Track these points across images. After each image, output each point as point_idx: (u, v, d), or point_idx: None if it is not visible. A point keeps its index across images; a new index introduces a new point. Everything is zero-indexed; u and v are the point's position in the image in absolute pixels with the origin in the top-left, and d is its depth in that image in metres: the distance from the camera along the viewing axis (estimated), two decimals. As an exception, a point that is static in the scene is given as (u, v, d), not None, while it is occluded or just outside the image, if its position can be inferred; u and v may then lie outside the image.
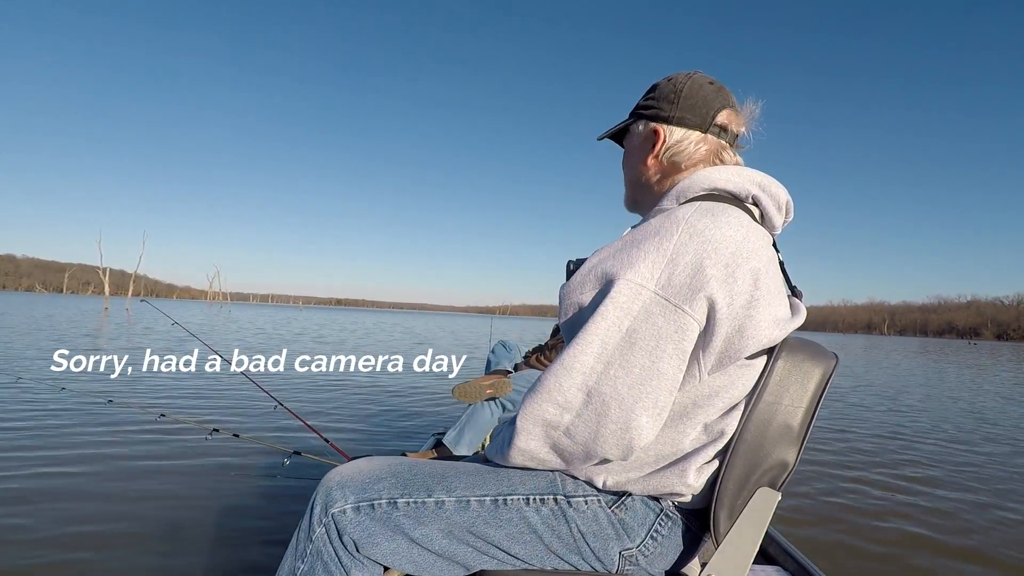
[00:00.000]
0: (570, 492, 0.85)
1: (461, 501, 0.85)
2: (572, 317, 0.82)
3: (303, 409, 4.48)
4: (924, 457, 4.02)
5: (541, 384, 0.77)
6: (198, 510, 2.27)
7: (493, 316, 52.30)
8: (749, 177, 0.88)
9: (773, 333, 0.78)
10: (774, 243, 0.92)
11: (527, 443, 0.79)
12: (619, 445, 0.75)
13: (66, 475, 2.62)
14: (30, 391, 4.67)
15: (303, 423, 2.53)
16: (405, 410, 4.79)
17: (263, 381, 5.90)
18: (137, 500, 2.35)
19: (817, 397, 0.86)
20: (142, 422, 3.73)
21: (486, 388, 2.44)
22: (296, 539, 0.87)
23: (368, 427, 4.02)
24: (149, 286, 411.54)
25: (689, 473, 0.81)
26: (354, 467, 0.90)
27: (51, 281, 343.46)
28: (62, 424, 3.60)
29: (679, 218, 0.78)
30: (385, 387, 6.11)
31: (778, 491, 0.85)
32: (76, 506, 2.25)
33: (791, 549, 1.43)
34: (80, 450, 3.04)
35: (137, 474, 2.68)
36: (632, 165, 0.98)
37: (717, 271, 0.74)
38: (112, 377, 5.78)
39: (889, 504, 2.88)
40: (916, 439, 4.70)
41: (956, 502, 2.97)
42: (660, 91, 0.94)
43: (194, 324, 19.09)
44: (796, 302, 0.90)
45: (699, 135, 0.91)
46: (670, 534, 0.86)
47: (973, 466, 3.82)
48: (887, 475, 3.46)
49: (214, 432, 2.54)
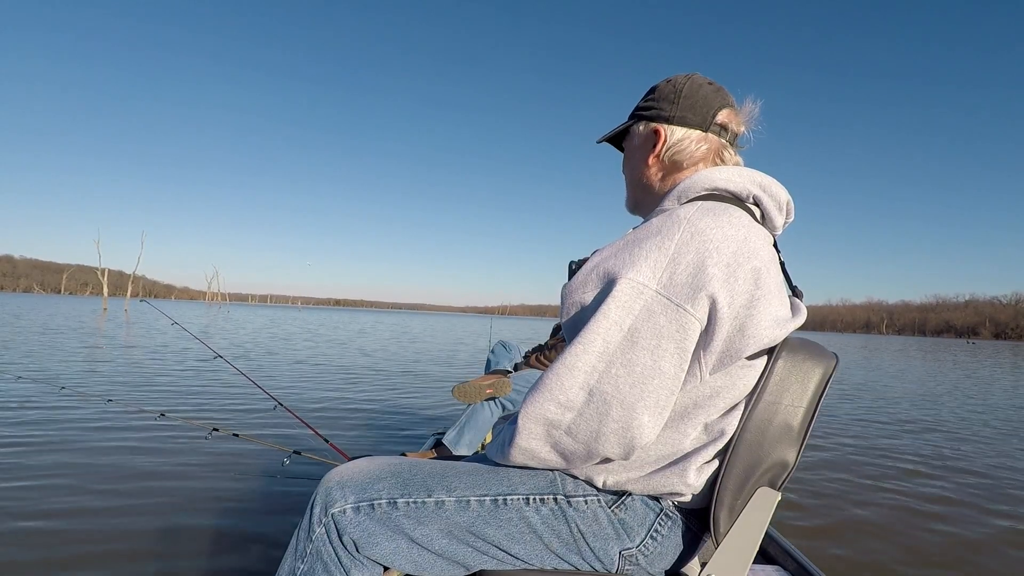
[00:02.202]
0: (570, 492, 0.85)
1: (461, 501, 0.85)
2: (574, 316, 0.82)
3: (303, 409, 4.48)
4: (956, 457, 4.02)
5: (543, 383, 0.77)
6: (198, 510, 2.27)
7: (493, 316, 52.30)
8: (750, 177, 0.88)
9: (774, 333, 0.78)
10: (775, 243, 0.92)
11: (528, 442, 0.79)
12: (621, 444, 0.75)
13: (65, 475, 2.61)
14: (29, 390, 4.67)
15: (303, 423, 2.53)
16: (405, 410, 4.79)
17: (262, 381, 5.90)
18: (136, 500, 2.35)
19: (817, 397, 0.86)
20: (142, 422, 3.73)
21: (486, 388, 2.44)
22: (296, 539, 0.87)
23: (368, 427, 4.02)
24: (148, 287, 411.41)
25: (689, 473, 0.81)
26: (354, 467, 0.90)
27: (49, 282, 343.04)
28: (61, 424, 3.59)
29: (680, 218, 0.78)
30: (385, 387, 6.10)
31: (778, 491, 0.85)
32: (75, 506, 2.25)
33: (791, 549, 1.44)
34: (79, 450, 3.03)
35: (136, 474, 2.68)
36: (633, 166, 0.98)
37: (718, 270, 0.74)
38: (111, 377, 5.78)
39: (890, 504, 2.89)
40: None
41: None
42: (660, 92, 0.94)
43: (193, 324, 19.08)
44: (796, 302, 0.90)
45: (700, 134, 0.91)
46: (670, 534, 0.86)
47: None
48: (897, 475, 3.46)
49: (214, 432, 2.54)
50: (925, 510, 2.81)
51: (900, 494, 3.06)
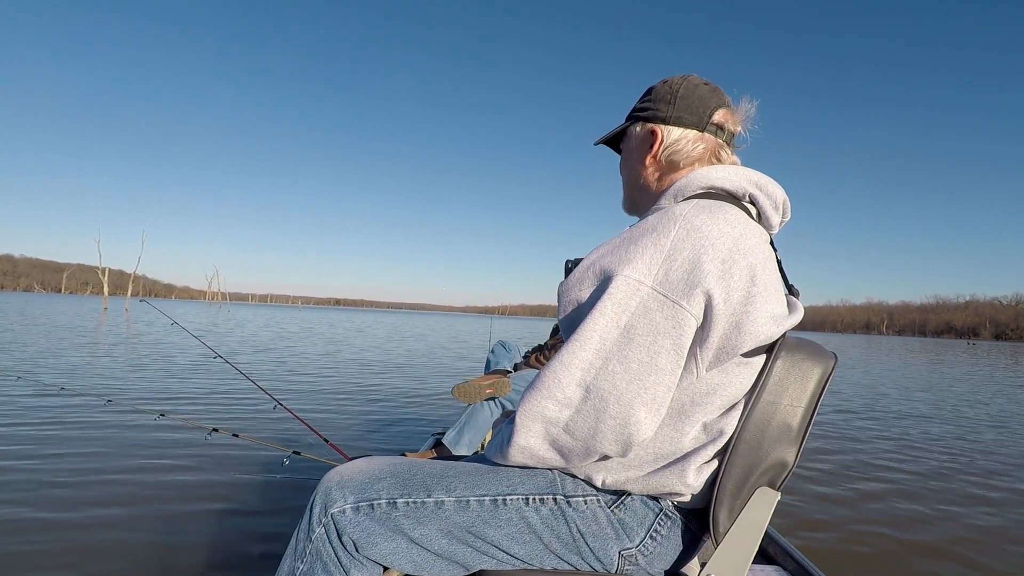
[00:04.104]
0: (569, 492, 0.85)
1: (460, 501, 0.85)
2: (571, 314, 0.82)
3: (303, 409, 4.48)
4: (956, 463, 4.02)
5: (540, 381, 0.77)
6: (197, 510, 2.27)
7: (492, 316, 52.35)
8: (746, 176, 0.88)
9: (770, 330, 0.78)
10: (771, 242, 0.92)
11: (527, 440, 0.79)
12: (618, 440, 0.76)
13: (65, 474, 2.61)
14: (29, 391, 4.67)
15: (303, 423, 2.53)
16: (405, 410, 4.79)
17: (262, 381, 5.90)
18: (136, 500, 2.35)
19: (816, 397, 0.86)
20: (141, 422, 3.73)
21: (486, 388, 2.44)
22: (295, 539, 0.87)
23: (368, 427, 4.02)
24: (148, 286, 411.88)
25: (688, 472, 0.81)
26: (353, 467, 0.90)
27: (49, 281, 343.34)
28: (61, 424, 3.59)
29: (676, 215, 0.79)
30: (385, 387, 6.11)
31: (777, 491, 0.85)
32: (75, 506, 2.25)
33: (791, 549, 1.44)
34: (79, 450, 3.03)
35: (136, 474, 2.68)
36: (630, 167, 0.99)
37: (714, 267, 0.74)
38: (111, 377, 5.78)
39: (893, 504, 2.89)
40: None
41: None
42: (656, 93, 0.94)
43: (193, 324, 19.08)
44: (793, 300, 0.90)
45: (696, 134, 0.91)
46: (669, 534, 0.86)
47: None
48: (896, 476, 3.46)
49: (213, 432, 2.54)
50: (926, 510, 2.82)
51: (901, 494, 3.06)
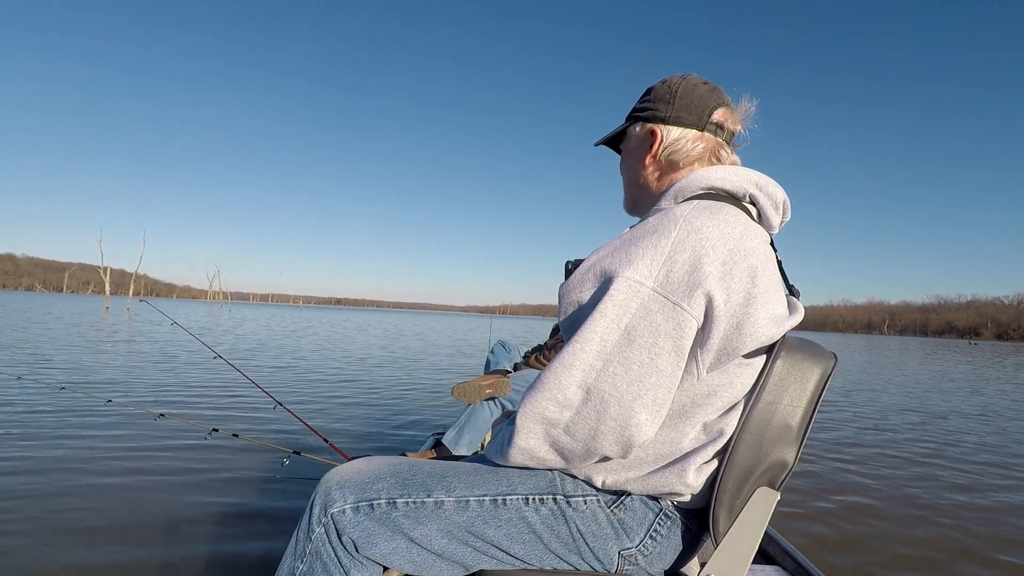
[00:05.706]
0: (569, 492, 0.85)
1: (460, 501, 0.85)
2: (571, 315, 0.82)
3: (303, 409, 4.48)
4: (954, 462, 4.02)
5: (541, 382, 0.77)
6: (197, 510, 2.27)
7: (493, 316, 52.32)
8: (746, 176, 0.88)
9: (771, 331, 0.78)
10: (772, 242, 0.92)
11: (527, 441, 0.79)
12: (619, 442, 0.75)
13: (65, 474, 2.62)
14: (30, 390, 4.68)
15: (303, 423, 2.53)
16: (405, 410, 4.79)
17: (262, 380, 5.90)
18: (136, 500, 2.35)
19: (816, 397, 0.85)
20: (141, 422, 3.73)
21: (485, 388, 2.44)
22: (295, 539, 0.87)
23: (368, 427, 4.02)
24: (149, 285, 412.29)
25: (688, 472, 0.81)
26: (353, 467, 0.90)
27: (51, 280, 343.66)
28: (61, 423, 3.60)
29: (677, 216, 0.79)
30: (385, 387, 6.11)
31: (777, 491, 0.85)
32: (75, 506, 2.25)
33: (790, 549, 1.43)
34: (78, 450, 3.04)
35: (136, 474, 2.68)
36: (630, 167, 0.99)
37: (714, 268, 0.74)
38: (112, 376, 5.79)
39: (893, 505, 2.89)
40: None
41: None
42: (655, 93, 0.94)
43: (194, 324, 19.09)
44: (794, 301, 0.90)
45: (696, 133, 0.91)
46: (669, 534, 0.86)
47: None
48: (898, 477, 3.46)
49: (213, 432, 2.55)
50: (926, 510, 2.81)
51: (900, 493, 3.06)
